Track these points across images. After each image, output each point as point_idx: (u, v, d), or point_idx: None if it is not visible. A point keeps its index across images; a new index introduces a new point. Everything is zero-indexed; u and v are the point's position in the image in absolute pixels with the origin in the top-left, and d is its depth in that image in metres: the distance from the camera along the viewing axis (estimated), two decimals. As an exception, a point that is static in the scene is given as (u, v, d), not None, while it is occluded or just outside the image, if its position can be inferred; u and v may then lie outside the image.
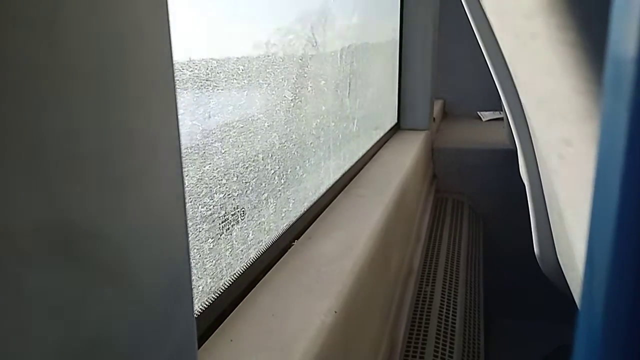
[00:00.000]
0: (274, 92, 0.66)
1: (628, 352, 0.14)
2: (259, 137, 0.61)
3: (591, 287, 0.15)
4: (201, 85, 0.48)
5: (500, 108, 2.17)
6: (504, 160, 1.68)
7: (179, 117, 0.25)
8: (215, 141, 0.51)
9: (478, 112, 2.47)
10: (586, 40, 0.28)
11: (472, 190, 1.74)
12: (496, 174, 1.71)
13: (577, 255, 0.51)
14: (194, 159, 0.46)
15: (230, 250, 0.54)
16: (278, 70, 0.66)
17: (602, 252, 0.14)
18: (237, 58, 0.56)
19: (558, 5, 0.28)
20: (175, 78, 0.25)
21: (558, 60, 0.30)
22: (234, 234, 0.55)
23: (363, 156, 1.18)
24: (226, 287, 0.52)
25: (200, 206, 0.48)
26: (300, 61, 0.75)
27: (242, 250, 0.57)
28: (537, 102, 0.41)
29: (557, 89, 0.32)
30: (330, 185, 0.91)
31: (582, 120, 0.30)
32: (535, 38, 0.31)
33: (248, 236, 0.59)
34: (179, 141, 0.25)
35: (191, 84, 0.46)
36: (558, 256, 0.80)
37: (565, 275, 0.78)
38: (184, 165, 0.27)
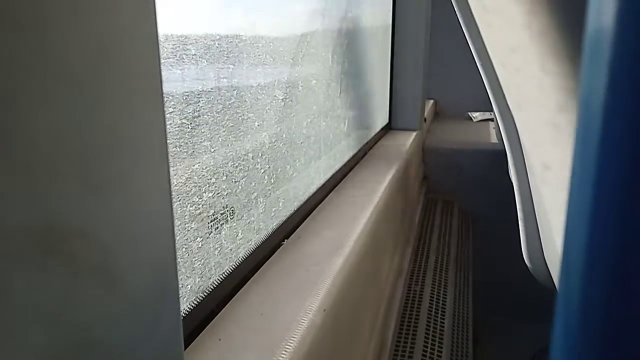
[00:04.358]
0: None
1: (603, 347, 0.14)
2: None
3: (567, 287, 0.15)
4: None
5: (490, 109, 2.18)
6: (494, 160, 1.69)
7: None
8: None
9: (469, 113, 2.48)
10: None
11: (462, 191, 1.75)
12: (486, 175, 1.72)
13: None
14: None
15: (219, 249, 0.54)
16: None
17: (577, 255, 0.14)
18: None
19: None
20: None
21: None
22: (223, 233, 0.55)
23: (354, 156, 1.18)
24: (215, 286, 0.52)
25: (189, 205, 0.48)
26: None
27: (231, 250, 0.57)
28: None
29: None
30: (320, 185, 0.91)
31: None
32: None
33: (237, 235, 0.59)
34: (166, 141, 0.25)
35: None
36: (545, 256, 0.81)
37: (552, 275, 0.79)
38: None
